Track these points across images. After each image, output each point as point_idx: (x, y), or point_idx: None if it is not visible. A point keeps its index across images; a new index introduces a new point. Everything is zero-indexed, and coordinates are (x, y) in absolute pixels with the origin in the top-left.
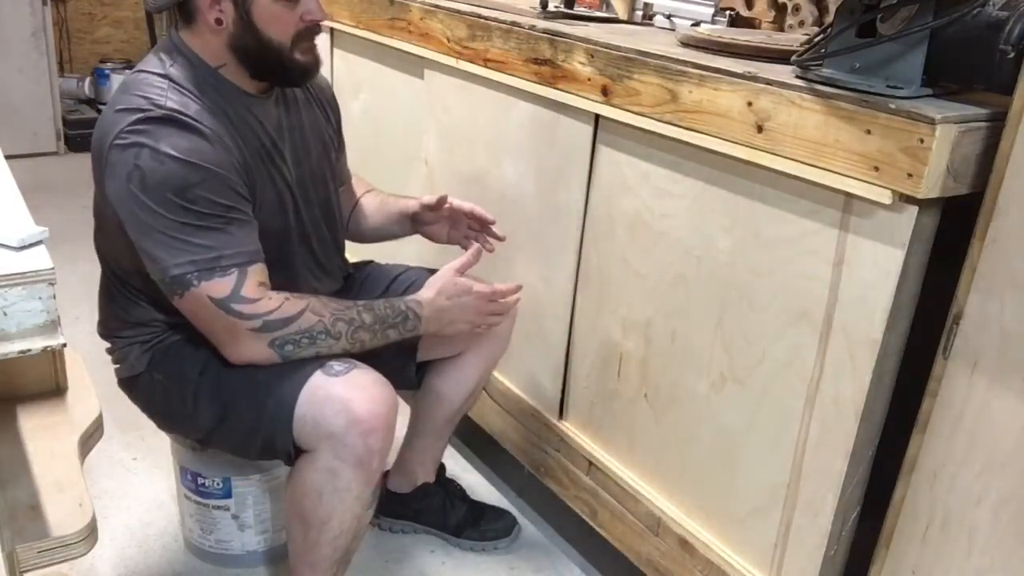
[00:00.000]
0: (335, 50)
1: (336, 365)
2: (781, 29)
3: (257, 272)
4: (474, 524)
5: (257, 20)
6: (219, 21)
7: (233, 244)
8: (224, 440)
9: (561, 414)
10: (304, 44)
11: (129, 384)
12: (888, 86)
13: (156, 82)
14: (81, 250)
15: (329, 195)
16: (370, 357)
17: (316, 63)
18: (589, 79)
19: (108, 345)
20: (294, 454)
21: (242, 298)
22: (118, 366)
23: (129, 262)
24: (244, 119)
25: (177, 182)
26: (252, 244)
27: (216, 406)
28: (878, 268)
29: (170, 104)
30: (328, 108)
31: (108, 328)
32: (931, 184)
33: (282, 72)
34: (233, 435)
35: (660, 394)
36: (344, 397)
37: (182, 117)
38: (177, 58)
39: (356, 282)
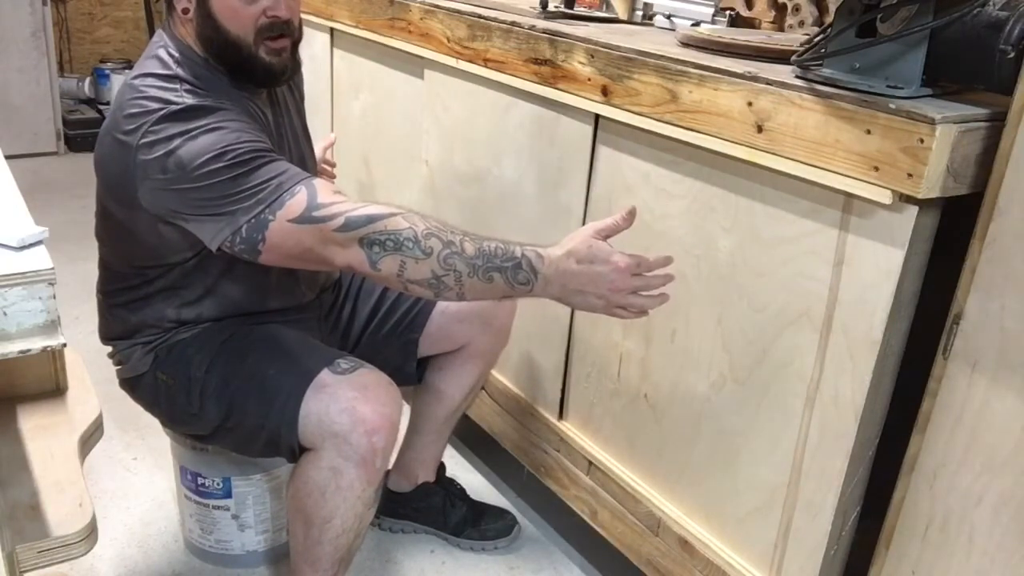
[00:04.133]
0: (335, 50)
1: (343, 363)
2: (781, 29)
3: (325, 183)
4: (474, 524)
5: (215, 12)
6: (186, 11)
7: (289, 168)
8: (229, 437)
9: (561, 414)
10: (269, 43)
11: (132, 384)
12: (888, 86)
13: (168, 84)
14: (81, 250)
15: None
16: (370, 353)
17: (284, 66)
18: (589, 79)
19: (109, 349)
20: (298, 452)
21: (320, 204)
22: (120, 367)
23: (145, 257)
24: (248, 111)
25: (215, 149)
26: (307, 170)
27: (222, 403)
28: (878, 268)
29: (188, 100)
30: (299, 94)
31: (109, 334)
32: (931, 184)
33: (248, 70)
34: (238, 432)
35: (660, 394)
36: (350, 396)
37: (203, 104)
38: (177, 56)
39: (354, 285)
